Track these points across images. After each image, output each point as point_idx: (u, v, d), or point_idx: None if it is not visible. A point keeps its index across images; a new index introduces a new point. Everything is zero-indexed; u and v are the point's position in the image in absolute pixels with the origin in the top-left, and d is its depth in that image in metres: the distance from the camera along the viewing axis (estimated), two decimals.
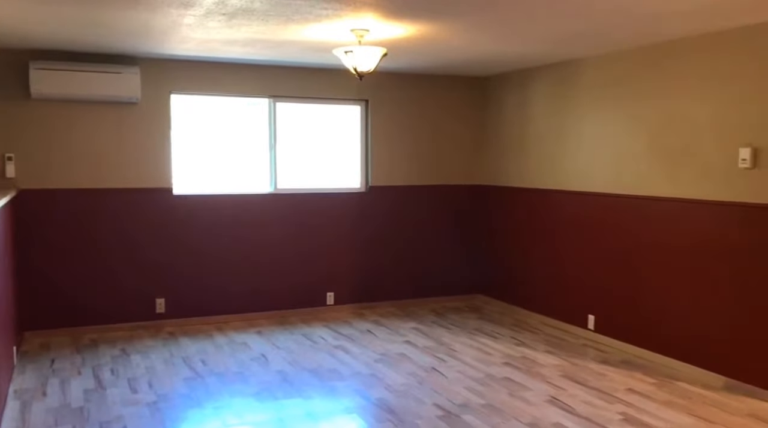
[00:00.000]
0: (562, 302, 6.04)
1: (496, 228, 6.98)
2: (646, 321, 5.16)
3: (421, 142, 6.94)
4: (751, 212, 4.32)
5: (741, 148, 4.37)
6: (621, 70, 5.35)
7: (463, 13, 4.02)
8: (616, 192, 5.40)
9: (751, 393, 4.32)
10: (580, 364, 5.03)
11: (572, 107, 5.88)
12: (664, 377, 4.72)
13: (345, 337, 5.79)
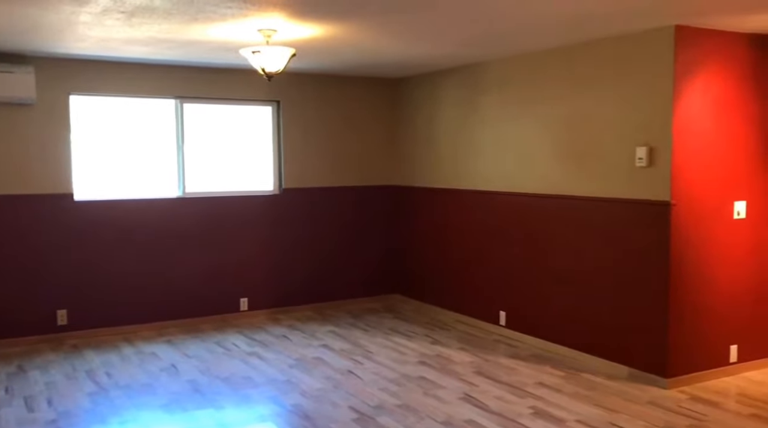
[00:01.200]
0: (475, 299, 6.16)
1: (411, 229, 7.04)
2: (554, 316, 5.32)
3: (335, 143, 6.91)
4: (647, 208, 4.53)
5: (638, 148, 4.58)
6: (526, 72, 5.50)
7: (370, 15, 4.02)
8: (524, 191, 5.55)
9: (652, 382, 4.53)
10: (492, 360, 5.13)
11: (481, 109, 6.01)
12: (571, 369, 4.89)
13: (259, 343, 5.68)
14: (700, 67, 4.44)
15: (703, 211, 4.53)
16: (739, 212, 4.67)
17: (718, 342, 4.67)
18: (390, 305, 7.10)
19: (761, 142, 4.73)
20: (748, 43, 4.61)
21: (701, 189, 4.51)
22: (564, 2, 3.74)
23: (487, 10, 3.92)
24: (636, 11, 3.96)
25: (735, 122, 4.62)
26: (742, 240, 4.71)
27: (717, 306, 4.64)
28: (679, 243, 4.44)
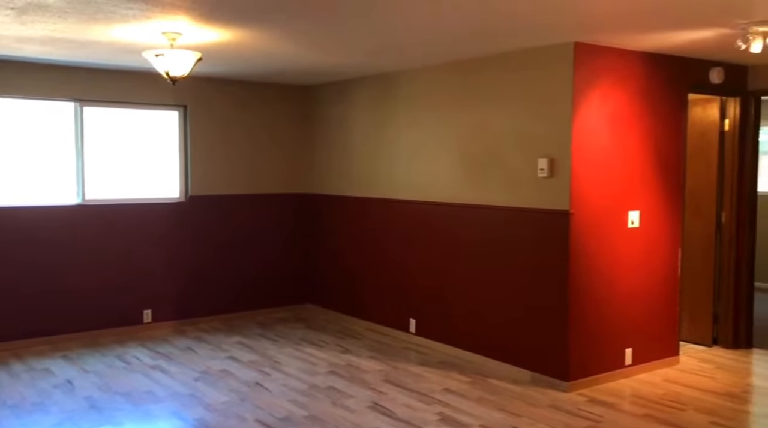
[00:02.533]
0: (386, 308, 6.19)
1: (323, 237, 7.00)
2: (461, 322, 5.42)
3: (245, 150, 6.78)
4: (549, 217, 4.69)
5: (540, 159, 4.74)
6: (435, 83, 5.59)
7: (277, 22, 3.97)
8: (434, 200, 5.63)
9: (553, 386, 4.68)
10: (401, 368, 5.16)
11: (391, 118, 6.06)
12: (478, 375, 4.98)
13: (163, 356, 5.48)
14: (598, 82, 4.65)
15: (599, 219, 4.73)
16: (633, 221, 4.91)
17: (614, 346, 4.88)
18: (301, 315, 7.02)
19: (653, 155, 5.00)
20: (643, 61, 4.87)
21: (598, 199, 4.72)
22: (464, 18, 3.83)
23: (390, 22, 3.97)
24: (535, 28, 4.10)
25: (630, 136, 4.86)
26: (636, 247, 4.95)
27: (613, 312, 4.86)
28: (578, 251, 4.62)
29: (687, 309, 5.67)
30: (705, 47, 4.66)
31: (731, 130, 5.56)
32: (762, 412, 4.39)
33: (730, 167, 5.58)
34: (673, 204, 5.15)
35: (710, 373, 5.04)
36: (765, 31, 3.84)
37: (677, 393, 4.59)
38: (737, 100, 5.50)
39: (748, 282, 5.65)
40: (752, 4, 3.47)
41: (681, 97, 5.13)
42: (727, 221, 5.61)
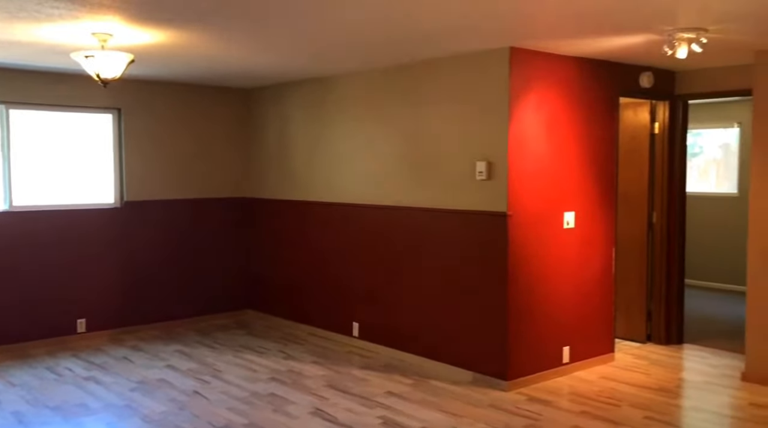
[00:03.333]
0: (329, 312, 6.15)
1: (264, 242, 6.91)
2: (404, 325, 5.43)
3: (183, 153, 6.64)
4: (487, 219, 4.75)
5: (478, 162, 4.79)
6: (375, 86, 5.60)
7: (213, 24, 3.90)
8: (375, 203, 5.63)
9: (494, 385, 4.73)
10: (344, 372, 5.13)
11: (331, 121, 6.03)
12: (419, 377, 5.00)
13: (97, 367, 5.30)
14: (533, 86, 4.74)
15: (536, 221, 4.82)
16: (568, 222, 5.02)
17: (552, 345, 4.98)
18: (242, 321, 6.91)
19: (587, 158, 5.12)
20: (576, 66, 4.99)
21: (535, 200, 4.80)
22: (400, 22, 3.84)
23: (327, 26, 3.95)
24: (471, 32, 4.15)
25: (564, 139, 4.97)
26: (572, 248, 5.07)
27: (551, 311, 4.95)
28: (516, 251, 4.69)
29: (621, 306, 5.84)
30: (635, 53, 4.80)
31: (661, 132, 5.75)
32: (692, 405, 4.55)
33: (660, 169, 5.77)
34: (606, 205, 5.29)
35: (644, 369, 5.19)
36: (689, 37, 3.98)
37: (613, 390, 4.71)
38: (666, 104, 5.70)
39: (679, 280, 5.85)
40: (677, 11, 3.60)
41: (613, 101, 5.28)
42: (659, 221, 5.80)
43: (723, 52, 4.73)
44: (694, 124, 7.72)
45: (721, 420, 4.25)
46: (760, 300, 4.80)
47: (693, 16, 3.71)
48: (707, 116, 8.13)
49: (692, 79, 5.61)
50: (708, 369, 5.19)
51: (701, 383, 4.91)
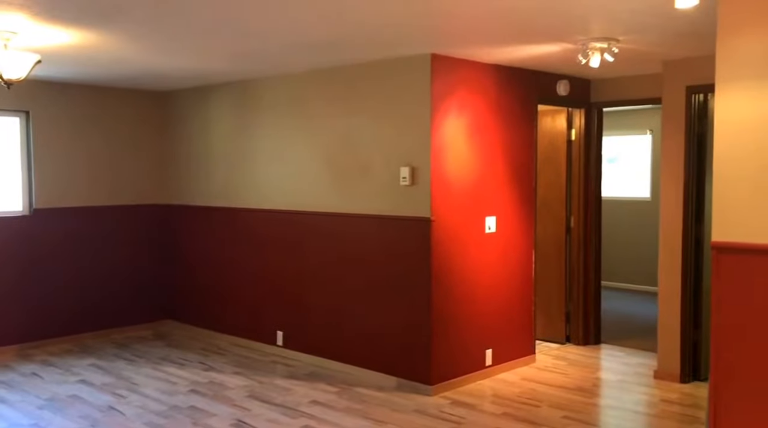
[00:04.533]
0: (252, 321, 6.02)
1: (184, 250, 6.71)
2: (329, 332, 5.38)
3: (97, 159, 6.37)
4: (411, 225, 4.77)
5: (402, 168, 4.81)
6: (299, 90, 5.54)
7: (126, 24, 3.76)
8: (299, 209, 5.56)
9: (418, 390, 4.74)
10: (267, 382, 5.03)
11: (255, 126, 5.93)
12: (344, 384, 4.95)
13: (3, 384, 5.00)
14: (455, 93, 4.79)
15: (459, 226, 4.87)
16: (490, 226, 5.10)
17: (475, 348, 5.03)
18: (161, 332, 6.68)
19: (508, 163, 5.22)
20: (496, 74, 5.08)
21: (457, 205, 4.85)
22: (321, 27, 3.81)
23: (246, 29, 3.88)
24: (392, 39, 4.16)
25: (485, 145, 5.05)
26: (493, 252, 5.15)
27: (474, 314, 5.01)
28: (439, 256, 4.73)
29: (541, 309, 5.98)
30: (551, 61, 4.94)
31: (577, 139, 5.94)
32: (608, 404, 4.69)
33: (577, 174, 5.95)
34: (526, 209, 5.41)
35: (563, 369, 5.32)
36: (602, 47, 4.12)
37: (533, 391, 4.81)
38: (582, 112, 5.89)
39: (595, 282, 6.05)
40: (589, 21, 3.71)
41: (531, 108, 5.41)
42: (576, 225, 5.98)
43: (634, 62, 4.92)
44: (610, 130, 8.01)
45: (635, 417, 4.40)
46: (670, 300, 5.01)
47: (604, 27, 3.84)
48: (622, 123, 8.46)
49: (606, 87, 5.82)
50: (623, 368, 5.38)
51: (616, 382, 5.07)
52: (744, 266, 2.80)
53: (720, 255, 2.85)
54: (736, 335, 2.82)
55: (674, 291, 4.98)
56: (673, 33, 4.00)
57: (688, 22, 3.69)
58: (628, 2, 3.29)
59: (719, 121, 2.86)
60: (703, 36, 3.94)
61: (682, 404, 4.54)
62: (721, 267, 2.85)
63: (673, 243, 4.98)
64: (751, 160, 2.77)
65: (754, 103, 2.76)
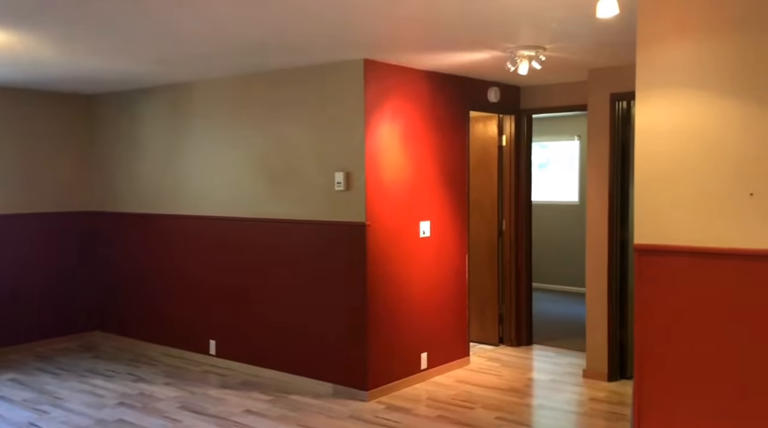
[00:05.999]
0: (184, 330, 5.88)
1: (113, 259, 6.49)
2: (263, 340, 5.30)
3: (19, 164, 6.09)
4: (346, 230, 4.76)
5: (336, 173, 4.79)
6: (231, 94, 5.45)
7: (43, 25, 3.61)
8: (232, 215, 5.47)
9: (354, 396, 4.73)
10: (199, 392, 4.92)
11: (186, 130, 5.80)
12: (279, 392, 4.89)
13: None
14: (388, 98, 4.82)
15: (394, 230, 4.89)
16: (424, 231, 5.14)
17: (411, 352, 5.06)
18: (89, 343, 6.44)
19: (441, 169, 5.28)
20: (429, 80, 5.13)
21: (392, 210, 4.87)
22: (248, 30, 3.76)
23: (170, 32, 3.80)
24: (323, 43, 4.15)
25: (419, 150, 5.09)
26: (428, 256, 5.19)
27: (409, 318, 5.04)
28: (374, 261, 4.73)
29: (475, 311, 6.06)
30: (482, 68, 5.03)
31: (508, 145, 6.06)
32: (540, 404, 4.80)
33: (508, 179, 6.07)
34: (460, 213, 5.48)
35: (497, 371, 5.41)
36: (530, 55, 4.23)
37: (468, 393, 4.87)
38: (512, 118, 6.02)
39: (527, 284, 6.18)
40: (517, 30, 3.80)
41: (464, 114, 5.49)
42: (508, 228, 6.10)
43: (561, 70, 5.07)
44: (540, 136, 8.22)
45: (565, 416, 4.51)
46: (597, 301, 5.17)
47: (532, 35, 3.94)
48: (551, 129, 8.69)
49: (535, 94, 5.97)
50: (554, 368, 5.51)
51: (548, 381, 5.19)
52: (664, 267, 2.91)
53: (642, 257, 2.96)
54: (658, 333, 2.93)
55: (601, 292, 5.14)
56: (597, 42, 4.13)
57: (611, 32, 3.82)
58: (554, 12, 3.39)
59: (640, 127, 2.97)
60: (626, 45, 4.08)
61: (609, 402, 4.69)
62: (643, 269, 2.96)
63: (600, 245, 5.14)
64: (669, 165, 2.88)
65: (671, 109, 2.88)
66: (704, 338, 2.82)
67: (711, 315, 2.80)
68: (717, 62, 2.77)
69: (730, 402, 2.77)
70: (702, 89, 2.80)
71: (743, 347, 2.73)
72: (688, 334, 2.86)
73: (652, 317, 2.94)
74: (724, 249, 2.76)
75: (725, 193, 2.76)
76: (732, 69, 2.74)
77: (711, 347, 2.80)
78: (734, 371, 2.75)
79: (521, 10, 3.36)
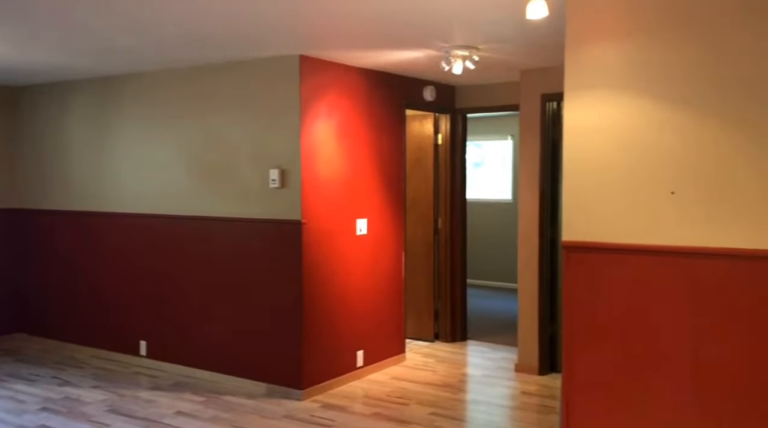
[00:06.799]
0: (114, 331, 5.70)
1: (38, 257, 6.23)
2: (196, 340, 5.20)
3: None
4: (281, 228, 4.71)
5: (272, 170, 4.73)
6: (163, 89, 5.31)
7: None
8: (163, 213, 5.33)
9: (289, 395, 4.69)
10: (128, 395, 4.78)
11: (116, 125, 5.62)
12: (212, 393, 4.80)
13: None
14: (324, 95, 4.79)
15: (330, 228, 4.87)
16: (361, 229, 5.14)
17: (346, 350, 5.06)
18: (11, 347, 6.15)
19: (378, 166, 5.29)
20: (365, 77, 5.13)
21: (328, 208, 4.85)
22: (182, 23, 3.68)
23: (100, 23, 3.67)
24: (257, 38, 4.09)
25: (356, 148, 5.09)
26: (365, 254, 5.20)
27: (345, 316, 5.03)
28: (310, 259, 4.70)
29: (412, 308, 6.11)
30: (418, 67, 5.06)
31: (444, 143, 6.13)
32: (473, 398, 4.87)
33: (444, 177, 6.14)
34: (396, 211, 5.51)
35: (432, 367, 5.47)
36: (463, 54, 4.28)
37: (403, 389, 4.90)
38: (448, 117, 6.09)
39: (462, 281, 6.27)
40: (452, 29, 3.84)
41: (400, 113, 5.52)
42: (443, 226, 6.17)
43: (494, 70, 5.16)
44: (475, 135, 8.35)
45: (497, 410, 4.60)
46: (528, 297, 5.29)
47: (465, 36, 3.99)
48: (486, 129, 8.84)
49: (470, 94, 6.05)
50: (487, 363, 5.61)
51: (481, 376, 5.28)
52: (591, 263, 3.00)
53: (569, 254, 3.04)
54: (584, 327, 3.02)
55: (532, 288, 5.26)
56: (528, 44, 4.22)
57: (542, 34, 3.92)
58: (486, 13, 3.44)
59: (568, 127, 3.05)
60: (556, 47, 4.18)
61: (540, 395, 4.80)
62: (571, 265, 3.04)
63: (531, 242, 5.26)
64: (595, 164, 2.97)
65: (597, 110, 2.97)
66: (628, 332, 2.92)
67: (635, 310, 2.91)
68: (638, 64, 2.87)
69: (654, 393, 2.88)
70: (626, 90, 2.90)
71: (666, 340, 2.84)
72: (614, 328, 2.95)
73: (579, 312, 3.03)
74: (646, 246, 2.86)
75: (648, 191, 2.87)
76: (652, 71, 2.84)
77: (635, 340, 2.91)
78: (657, 363, 2.86)
79: (455, 11, 3.40)
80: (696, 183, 2.77)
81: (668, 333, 2.83)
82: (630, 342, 2.92)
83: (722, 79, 2.71)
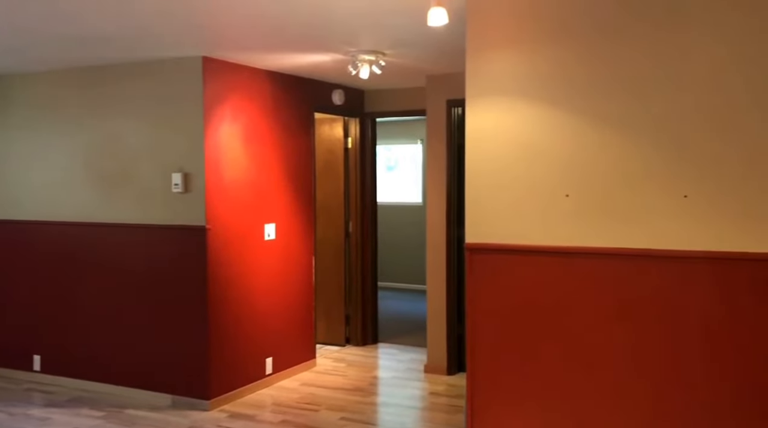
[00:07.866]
0: (3, 345, 5.35)
1: None
2: (95, 353, 4.96)
3: None
4: (185, 233, 4.57)
5: (174, 174, 4.59)
6: (59, 89, 5.05)
7: None
8: (57, 219, 5.07)
9: (195, 406, 4.55)
10: (19, 413, 4.50)
11: (6, 127, 5.29)
12: (113, 407, 4.60)
13: None
14: (229, 98, 4.69)
15: (237, 234, 4.77)
16: (269, 234, 5.07)
17: (255, 357, 4.96)
18: None
19: (286, 170, 5.23)
20: (272, 80, 5.06)
21: (234, 213, 4.75)
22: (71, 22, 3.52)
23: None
24: (157, 38, 3.96)
25: (263, 151, 5.01)
26: (273, 259, 5.12)
27: (254, 323, 4.94)
28: (216, 266, 4.59)
29: (322, 313, 6.08)
30: (325, 71, 5.05)
31: (354, 147, 6.14)
32: (383, 401, 4.90)
33: (354, 181, 6.15)
34: (306, 215, 5.46)
35: (342, 371, 5.46)
36: (370, 59, 4.30)
37: (313, 395, 4.86)
38: (357, 121, 6.10)
39: (372, 284, 6.29)
40: (357, 34, 3.85)
41: (308, 116, 5.48)
42: (354, 229, 6.17)
43: (401, 75, 5.21)
44: (385, 139, 8.41)
45: (407, 411, 4.64)
46: (436, 298, 5.37)
47: (371, 40, 4.01)
48: (396, 133, 8.92)
49: (378, 98, 6.09)
50: (397, 365, 5.65)
51: (391, 379, 5.32)
52: (492, 265, 3.08)
53: (472, 255, 3.11)
54: (487, 327, 3.09)
55: (440, 289, 5.35)
56: (433, 50, 4.29)
57: (445, 41, 3.99)
58: (389, 18, 3.47)
59: (468, 132, 3.11)
60: (459, 54, 4.24)
61: (448, 395, 4.88)
62: (474, 266, 3.11)
63: (438, 244, 5.34)
64: (495, 167, 3.05)
65: (496, 115, 3.05)
66: (530, 331, 3.01)
67: (535, 310, 3.00)
68: (531, 71, 2.98)
69: (557, 388, 2.98)
70: (521, 97, 2.99)
71: (567, 339, 2.95)
72: (516, 328, 3.04)
73: (482, 312, 3.10)
74: (544, 247, 2.96)
75: (544, 194, 2.97)
76: (547, 78, 2.95)
77: (537, 340, 3.00)
78: (559, 362, 2.96)
79: (357, 13, 3.41)
80: (589, 185, 2.89)
81: (569, 330, 2.94)
82: (532, 340, 3.01)
83: (607, 86, 2.84)
